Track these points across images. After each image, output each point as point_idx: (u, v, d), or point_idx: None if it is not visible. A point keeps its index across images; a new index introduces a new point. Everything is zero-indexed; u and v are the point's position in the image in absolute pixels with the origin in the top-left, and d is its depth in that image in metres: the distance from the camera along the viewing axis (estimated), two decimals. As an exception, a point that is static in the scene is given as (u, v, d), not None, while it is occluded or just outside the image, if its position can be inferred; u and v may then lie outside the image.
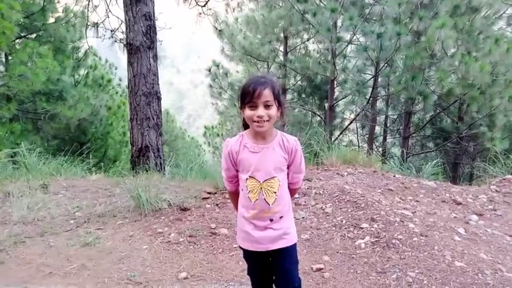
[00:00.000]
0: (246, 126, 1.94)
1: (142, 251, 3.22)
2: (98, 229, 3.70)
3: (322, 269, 2.88)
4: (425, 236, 3.18)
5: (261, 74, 1.92)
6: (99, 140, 14.15)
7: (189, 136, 26.07)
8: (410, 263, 2.82)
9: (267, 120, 1.79)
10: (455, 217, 3.91)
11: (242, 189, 1.94)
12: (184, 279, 2.79)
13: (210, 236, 3.44)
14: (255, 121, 1.79)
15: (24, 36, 11.90)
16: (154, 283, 2.74)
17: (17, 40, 11.48)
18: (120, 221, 3.86)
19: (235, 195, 2.06)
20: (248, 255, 2.02)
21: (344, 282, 2.71)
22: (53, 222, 3.87)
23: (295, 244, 1.99)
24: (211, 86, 15.26)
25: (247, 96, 1.78)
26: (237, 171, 1.95)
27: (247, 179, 1.89)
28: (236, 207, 2.07)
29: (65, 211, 4.13)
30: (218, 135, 22.44)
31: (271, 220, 1.91)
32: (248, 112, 1.80)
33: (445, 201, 4.42)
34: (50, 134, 13.03)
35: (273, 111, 1.80)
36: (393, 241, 3.11)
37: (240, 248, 2.03)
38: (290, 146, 1.91)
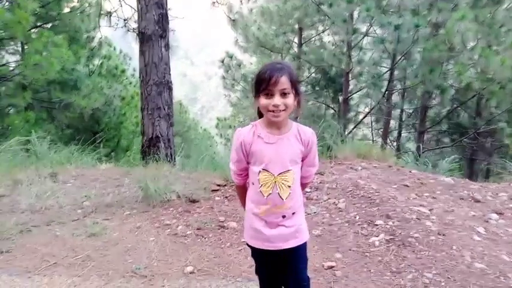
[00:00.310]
0: (261, 115, 1.81)
1: (148, 243, 3.15)
2: (105, 219, 3.64)
3: (333, 266, 2.76)
4: (443, 234, 3.03)
5: (276, 60, 1.78)
6: (112, 129, 14.23)
7: (201, 127, 26.10)
8: (427, 263, 2.68)
9: (283, 110, 1.66)
10: (474, 215, 3.74)
11: (253, 183, 1.81)
12: (190, 273, 2.71)
13: (219, 229, 3.35)
14: (270, 110, 1.67)
15: (40, 26, 11.98)
16: (159, 277, 2.66)
17: (33, 30, 11.57)
18: (128, 212, 3.79)
19: (243, 190, 1.94)
20: (257, 253, 1.91)
21: (356, 281, 2.59)
22: (61, 212, 3.82)
23: (306, 242, 1.88)
24: (224, 77, 15.17)
25: (263, 84, 1.66)
26: (248, 163, 1.83)
27: (260, 171, 1.77)
28: (244, 203, 1.95)
29: (73, 200, 4.08)
30: (230, 127, 22.36)
31: (283, 217, 1.79)
32: (263, 101, 1.67)
33: (463, 199, 4.24)
34: (64, 123, 13.16)
35: (290, 100, 1.68)
36: (409, 239, 2.97)
37: (248, 245, 1.91)
38: (307, 138, 1.79)
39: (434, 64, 10.77)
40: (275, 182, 1.76)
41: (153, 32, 5.59)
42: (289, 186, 1.77)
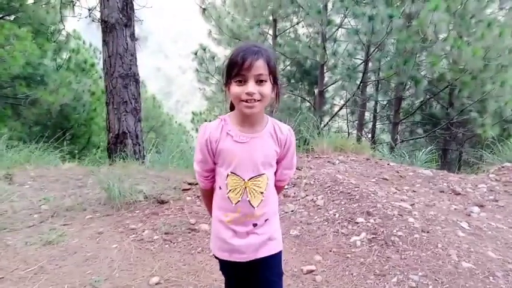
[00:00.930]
0: (232, 108, 1.55)
1: (111, 251, 2.85)
2: (63, 224, 3.31)
3: (313, 271, 2.55)
4: (427, 232, 2.88)
5: (251, 42, 1.51)
6: (82, 126, 13.72)
7: (176, 122, 25.58)
8: (412, 264, 2.51)
9: (258, 100, 1.40)
10: (455, 209, 3.62)
11: (220, 187, 1.56)
12: (156, 284, 2.44)
13: (189, 232, 3.09)
14: (243, 100, 1.40)
15: (2, 18, 11.35)
16: (121, 290, 2.38)
17: (-5, 22, 10.96)
18: (90, 216, 3.48)
19: (209, 194, 1.67)
20: (225, 266, 1.66)
21: (338, 286, 2.39)
22: (15, 217, 3.46)
23: (280, 252, 1.64)
24: (198, 70, 14.79)
25: (235, 68, 1.39)
26: (215, 164, 1.56)
27: (228, 175, 1.51)
28: (210, 210, 1.69)
29: (30, 204, 3.72)
30: (206, 121, 21.96)
31: (254, 225, 1.56)
32: (235, 88, 1.41)
33: (443, 191, 4.13)
34: (31, 120, 12.56)
35: (267, 88, 1.42)
36: (392, 238, 2.79)
37: (216, 257, 1.66)
38: (284, 137, 1.55)
39: (408, 55, 10.75)
40: (245, 187, 1.51)
41: (117, 21, 5.22)
42: (262, 193, 1.53)
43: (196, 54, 14.10)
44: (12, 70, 9.97)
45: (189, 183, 3.98)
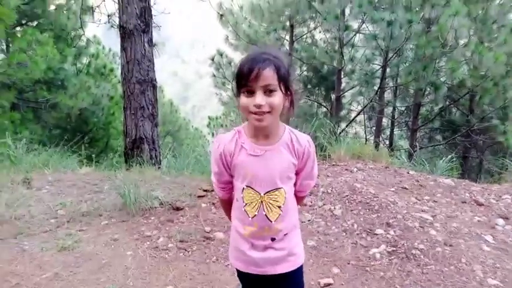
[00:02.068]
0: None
1: (125, 258, 2.84)
2: (79, 230, 3.32)
3: (331, 284, 2.48)
4: (450, 245, 2.77)
5: (262, 49, 1.42)
6: (101, 130, 13.89)
7: (193, 127, 25.73)
8: (435, 279, 2.42)
9: (268, 112, 1.33)
10: (479, 221, 3.49)
11: (237, 200, 1.51)
12: (170, 294, 2.41)
13: (204, 241, 3.05)
14: (252, 112, 1.33)
15: (24, 24, 11.65)
16: (135, 299, 2.36)
17: (17, 28, 11.26)
18: (106, 221, 3.47)
19: (228, 204, 1.64)
20: (242, 276, 1.62)
21: (357, 301, 2.31)
22: (32, 222, 3.48)
23: (301, 266, 1.58)
24: (214, 75, 14.85)
25: (242, 78, 1.33)
26: (232, 176, 1.52)
27: (243, 189, 1.46)
28: (229, 217, 1.65)
29: (47, 209, 3.74)
30: (222, 126, 22.03)
31: (272, 239, 1.50)
32: (243, 100, 1.34)
33: (465, 202, 3.99)
34: (51, 124, 12.82)
35: (277, 98, 1.33)
36: (413, 251, 2.70)
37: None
38: (301, 148, 1.47)
39: (427, 61, 10.56)
40: (261, 201, 1.46)
41: (135, 27, 5.25)
42: (279, 207, 1.47)
43: (213, 59, 14.16)
44: (33, 75, 10.17)
45: (205, 190, 3.95)
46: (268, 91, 1.33)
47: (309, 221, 3.31)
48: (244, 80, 1.32)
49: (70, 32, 12.01)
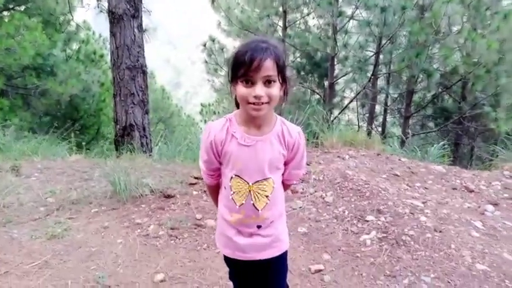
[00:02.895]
0: (238, 105, 1.46)
1: (116, 246, 2.82)
2: (69, 218, 3.28)
3: (321, 270, 2.48)
4: (440, 231, 2.79)
5: (260, 37, 1.40)
6: (91, 116, 13.73)
7: (185, 114, 25.58)
8: (425, 265, 2.43)
9: (266, 102, 1.32)
10: (469, 207, 3.51)
11: (225, 188, 1.51)
12: (160, 281, 2.40)
13: (195, 228, 3.04)
14: (250, 102, 1.32)
15: (12, 8, 11.37)
16: (124, 287, 2.34)
17: (4, 12, 11.00)
18: (96, 209, 3.44)
19: (215, 190, 1.63)
20: (229, 262, 1.63)
21: (347, 287, 2.32)
22: (21, 210, 3.44)
23: (286, 252, 1.59)
24: (206, 62, 14.70)
25: (241, 68, 1.30)
26: (221, 164, 1.51)
27: (232, 177, 1.46)
28: (216, 203, 1.65)
29: (36, 196, 3.70)
30: (215, 113, 21.94)
31: (258, 227, 1.51)
32: (241, 90, 1.32)
33: (456, 189, 4.02)
34: (41, 110, 12.63)
35: (275, 89, 1.33)
36: (403, 238, 2.71)
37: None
38: (292, 140, 1.47)
39: (420, 48, 10.53)
40: (249, 190, 1.45)
41: (125, 12, 5.14)
42: (267, 196, 1.47)
43: (205, 45, 14.01)
44: (22, 61, 9.98)
45: (196, 178, 3.93)
46: (267, 82, 1.32)
47: (300, 207, 3.31)
48: (244, 69, 1.30)
49: (59, 17, 11.76)
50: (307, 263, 2.56)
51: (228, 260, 1.63)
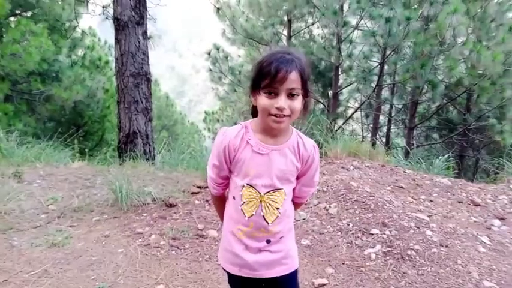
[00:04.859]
0: (255, 114, 1.44)
1: (116, 256, 2.78)
2: (70, 226, 3.26)
3: (325, 285, 2.43)
4: (446, 246, 2.74)
5: (285, 48, 1.39)
6: (95, 123, 13.78)
7: (189, 121, 25.66)
8: (430, 281, 2.38)
9: (287, 115, 1.30)
10: (475, 221, 3.46)
11: (234, 198, 1.45)
12: (161, 293, 2.36)
13: (197, 238, 3.00)
14: (272, 114, 1.29)
15: (19, 14, 11.48)
16: (124, 298, 2.30)
17: (11, 18, 11.10)
18: (97, 217, 3.41)
19: (221, 202, 1.57)
20: (234, 280, 1.55)
21: (351, 302, 2.27)
22: (22, 217, 3.42)
23: (296, 270, 1.53)
24: (211, 70, 14.74)
25: (266, 78, 1.28)
26: (231, 172, 1.46)
27: (243, 186, 1.41)
28: (222, 217, 1.59)
29: (37, 203, 3.68)
30: (218, 120, 21.97)
31: (268, 241, 1.45)
32: (264, 101, 1.30)
33: (461, 202, 3.96)
34: (45, 116, 12.68)
35: (298, 103, 1.31)
36: (409, 252, 2.66)
37: (224, 270, 1.56)
38: (307, 153, 1.43)
39: (425, 59, 10.51)
40: (261, 201, 1.41)
41: (129, 19, 5.15)
42: (278, 209, 1.42)
43: (209, 54, 14.04)
44: (27, 66, 10.04)
45: (198, 187, 3.90)
46: (290, 94, 1.30)
47: (303, 219, 3.27)
48: (269, 80, 1.28)
49: (64, 23, 11.86)
50: (311, 277, 2.51)
51: (232, 278, 1.55)
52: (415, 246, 2.72)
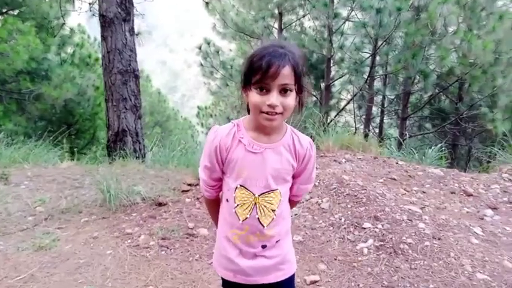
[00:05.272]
0: (249, 110, 1.36)
1: (105, 258, 2.72)
2: (58, 228, 3.19)
3: (317, 281, 2.40)
4: (439, 238, 2.71)
5: (278, 42, 1.31)
6: (87, 121, 13.63)
7: (182, 117, 25.51)
8: (423, 275, 2.35)
9: (280, 113, 1.23)
10: (468, 212, 3.44)
11: (227, 200, 1.39)
12: (150, 295, 2.31)
13: (187, 238, 2.95)
14: (263, 112, 1.23)
15: (5, 12, 11.29)
16: (113, 302, 2.25)
17: (-2, 17, 10.94)
18: (86, 218, 3.35)
19: (215, 205, 1.51)
20: (229, 286, 1.49)
21: (344, 299, 2.24)
22: (8, 220, 3.35)
23: (293, 275, 1.48)
24: (202, 65, 14.62)
25: (257, 73, 1.21)
26: (223, 173, 1.40)
27: (236, 188, 1.35)
28: (216, 221, 1.52)
29: (25, 206, 3.61)
30: (211, 115, 21.86)
31: (263, 247, 1.39)
32: (255, 97, 1.23)
33: (454, 193, 3.94)
34: (36, 115, 12.52)
35: (291, 99, 1.24)
36: (401, 246, 2.63)
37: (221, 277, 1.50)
38: (303, 151, 1.36)
39: (416, 49, 10.48)
40: (255, 203, 1.34)
41: (115, 15, 5.05)
42: (273, 210, 1.36)
43: (200, 48, 13.92)
44: (15, 65, 9.91)
45: (189, 184, 3.84)
46: (283, 90, 1.23)
47: (295, 215, 3.23)
48: (260, 75, 1.21)
49: (52, 21, 11.69)
50: (303, 274, 2.48)
51: (227, 285, 1.50)
52: (408, 239, 2.69)
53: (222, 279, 1.50)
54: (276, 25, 13.83)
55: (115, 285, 2.42)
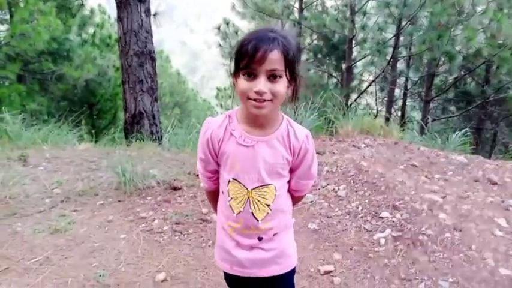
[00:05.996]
0: None
1: (118, 242, 2.73)
2: (74, 211, 3.22)
3: (331, 271, 2.34)
4: (460, 230, 2.60)
5: (271, 26, 1.24)
6: (108, 101, 13.81)
7: (201, 98, 25.56)
8: (443, 269, 2.26)
9: (269, 100, 1.16)
10: (492, 202, 3.30)
11: (223, 192, 1.35)
12: (162, 281, 2.30)
13: (201, 223, 2.93)
14: (251, 98, 1.17)
15: (26, -7, 11.38)
16: (124, 287, 2.25)
17: (20, -3, 11.03)
18: (101, 201, 3.36)
19: (214, 196, 1.47)
20: (228, 279, 1.48)
21: (358, 291, 2.18)
22: (26, 201, 3.39)
23: (293, 269, 1.43)
24: (221, 45, 14.49)
25: (243, 59, 1.15)
26: (219, 165, 1.35)
27: (229, 181, 1.31)
28: (216, 210, 1.49)
29: (42, 187, 3.64)
30: (230, 97, 21.73)
31: (260, 239, 1.35)
32: (242, 83, 1.17)
33: (478, 181, 3.79)
34: (58, 95, 12.73)
35: (281, 86, 1.17)
36: (420, 237, 2.54)
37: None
38: (298, 144, 1.29)
39: (442, 29, 10.08)
40: (248, 197, 1.29)
41: (131, -4, 4.99)
42: (268, 205, 1.31)
43: (219, 29, 13.77)
44: (37, 46, 10.02)
45: (204, 168, 3.80)
46: (272, 76, 1.16)
47: (311, 202, 3.16)
48: (247, 60, 1.15)
49: (72, 2, 11.73)
50: (317, 263, 2.42)
51: (227, 276, 1.48)
52: (427, 230, 2.59)
53: (224, 272, 1.47)
54: (297, 5, 13.49)
55: (128, 270, 2.43)
